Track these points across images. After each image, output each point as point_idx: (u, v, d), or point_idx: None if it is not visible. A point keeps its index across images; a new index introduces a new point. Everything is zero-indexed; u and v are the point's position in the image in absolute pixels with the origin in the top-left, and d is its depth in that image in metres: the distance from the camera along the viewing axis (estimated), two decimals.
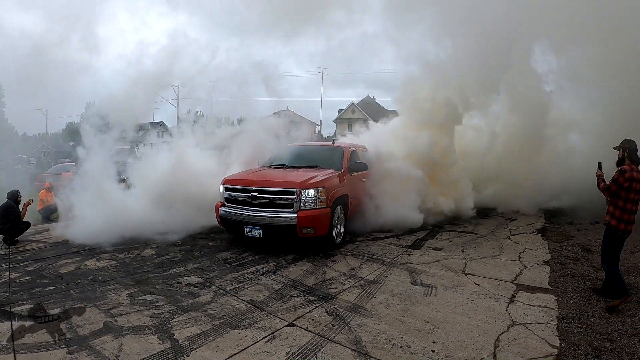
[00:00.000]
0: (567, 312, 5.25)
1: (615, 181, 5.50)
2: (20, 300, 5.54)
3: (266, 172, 9.18)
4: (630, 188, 5.42)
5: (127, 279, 6.47)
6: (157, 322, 4.88)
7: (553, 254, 7.99)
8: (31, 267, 7.12)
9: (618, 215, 5.54)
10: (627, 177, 5.39)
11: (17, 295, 5.76)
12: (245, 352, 4.19)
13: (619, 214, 5.53)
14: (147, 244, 8.71)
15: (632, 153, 5.52)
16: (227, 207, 8.39)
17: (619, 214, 5.53)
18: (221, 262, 7.42)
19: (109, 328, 4.73)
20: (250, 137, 10.98)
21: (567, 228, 10.43)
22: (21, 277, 6.56)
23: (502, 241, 9.05)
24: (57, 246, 8.50)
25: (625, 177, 5.39)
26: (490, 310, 5.27)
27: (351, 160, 9.67)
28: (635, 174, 5.42)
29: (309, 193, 7.65)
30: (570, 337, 4.54)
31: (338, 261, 7.45)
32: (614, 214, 5.58)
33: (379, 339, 4.47)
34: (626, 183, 5.40)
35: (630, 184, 5.40)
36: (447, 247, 8.46)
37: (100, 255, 7.82)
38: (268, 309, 5.28)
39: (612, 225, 5.60)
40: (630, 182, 5.39)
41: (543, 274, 6.76)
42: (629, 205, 5.48)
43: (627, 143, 5.58)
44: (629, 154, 5.52)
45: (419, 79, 12.77)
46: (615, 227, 5.56)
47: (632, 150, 5.52)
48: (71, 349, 4.22)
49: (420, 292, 5.94)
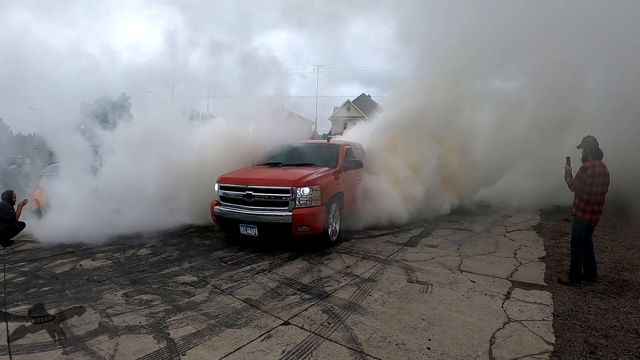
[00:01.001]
0: (563, 308, 5.26)
1: (578, 177, 6.05)
2: (16, 301, 5.50)
3: (261, 170, 9.16)
4: (593, 182, 5.90)
5: (122, 279, 6.45)
6: (152, 322, 4.86)
7: (548, 250, 8.03)
8: (26, 267, 7.08)
9: (583, 208, 6.04)
10: (589, 174, 5.91)
11: (13, 296, 5.72)
12: (241, 351, 4.18)
13: (583, 207, 6.04)
14: (142, 243, 8.68)
15: (592, 149, 5.99)
16: (222, 205, 8.37)
17: (584, 206, 6.03)
18: (217, 260, 7.40)
19: (104, 328, 4.71)
20: (245, 135, 10.93)
21: (562, 225, 10.46)
22: (16, 278, 6.52)
23: (497, 238, 9.08)
24: (52, 246, 8.45)
25: (587, 174, 5.91)
26: (486, 307, 5.27)
27: (346, 158, 9.67)
28: (597, 170, 5.91)
29: (304, 191, 7.64)
30: (566, 334, 4.55)
31: (333, 259, 7.45)
32: (579, 206, 6.09)
33: (375, 337, 4.47)
34: (588, 179, 5.90)
35: (593, 179, 5.89)
36: (443, 245, 8.48)
37: (95, 255, 7.79)
38: (264, 308, 5.27)
39: (578, 216, 6.13)
40: (593, 178, 5.89)
41: (539, 271, 6.78)
42: (592, 197, 5.95)
43: (587, 140, 6.07)
44: (590, 150, 6.00)
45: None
46: (582, 218, 6.08)
47: (592, 147, 5.99)
48: (67, 350, 4.20)
49: (416, 289, 5.94)
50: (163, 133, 10.21)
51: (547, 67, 12.63)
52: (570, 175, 6.25)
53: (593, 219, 6.04)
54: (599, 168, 5.94)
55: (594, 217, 6.03)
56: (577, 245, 6.17)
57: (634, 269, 6.93)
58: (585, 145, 6.06)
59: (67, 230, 8.83)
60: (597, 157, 6.00)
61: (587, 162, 6.00)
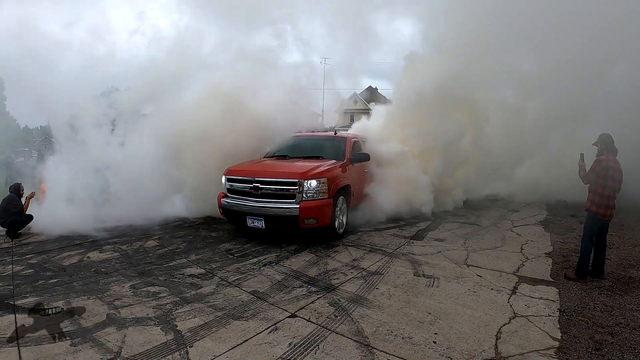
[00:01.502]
0: (569, 304, 5.26)
1: (592, 170, 6.08)
2: (24, 293, 5.56)
3: (268, 162, 9.18)
4: (607, 176, 5.94)
5: (129, 271, 6.50)
6: (160, 314, 4.90)
7: (555, 246, 8.00)
8: (34, 259, 7.14)
9: (597, 202, 6.05)
10: (603, 166, 5.94)
11: (21, 288, 5.78)
12: (247, 343, 4.21)
13: (598, 200, 6.04)
14: (149, 235, 8.73)
15: (608, 145, 6.06)
16: (229, 197, 8.40)
17: (598, 200, 6.04)
18: (223, 253, 7.44)
19: (112, 320, 4.75)
20: (252, 127, 10.93)
21: (569, 220, 10.41)
22: (24, 270, 6.58)
23: (504, 233, 9.05)
24: (60, 238, 8.53)
25: (602, 166, 5.94)
26: (492, 302, 5.28)
27: (353, 150, 9.66)
28: (612, 164, 5.98)
29: (311, 184, 7.65)
30: (572, 330, 4.55)
31: (340, 252, 7.47)
32: (594, 201, 6.09)
33: (381, 330, 4.49)
34: (602, 172, 5.93)
35: (607, 173, 5.93)
36: (450, 238, 8.47)
37: (102, 247, 7.85)
38: (270, 300, 5.30)
39: (592, 210, 6.12)
40: (607, 171, 5.93)
41: (545, 266, 6.77)
42: (606, 191, 5.99)
43: (603, 137, 6.14)
44: (606, 146, 6.07)
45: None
46: (595, 213, 6.08)
47: (608, 143, 6.07)
48: (75, 341, 4.24)
49: (423, 283, 5.95)
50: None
51: (573, 50, 11.83)
52: (583, 169, 6.29)
53: (607, 214, 6.05)
54: (613, 163, 6.00)
55: (608, 212, 6.04)
56: (588, 242, 6.15)
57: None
58: (601, 142, 6.12)
59: (71, 222, 8.99)
60: (611, 153, 6.06)
61: (602, 156, 6.06)
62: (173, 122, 10.58)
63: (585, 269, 6.15)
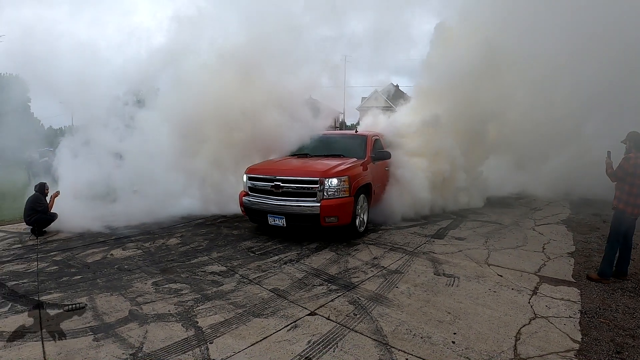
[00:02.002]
0: (591, 306, 5.19)
1: (620, 167, 6.01)
2: (48, 289, 5.70)
3: (289, 161, 9.24)
4: (635, 174, 5.86)
5: (152, 268, 6.61)
6: (181, 310, 4.99)
7: (578, 245, 7.90)
8: (59, 257, 7.30)
9: (625, 199, 5.98)
10: (632, 163, 5.87)
11: (45, 284, 5.93)
12: (267, 340, 4.26)
13: (625, 198, 5.98)
14: (172, 233, 8.87)
15: (637, 143, 5.97)
16: (250, 196, 8.48)
17: (626, 198, 5.97)
18: (245, 250, 7.52)
19: (134, 316, 4.85)
20: (272, 125, 10.99)
21: (592, 219, 10.26)
22: (49, 267, 6.73)
23: (526, 232, 8.97)
24: (84, 236, 8.72)
25: (630, 164, 5.88)
26: (512, 302, 5.24)
27: (374, 148, 9.66)
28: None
29: (332, 182, 7.68)
30: (593, 332, 4.50)
31: (361, 250, 7.49)
32: (621, 198, 6.02)
33: (400, 329, 4.50)
34: (631, 169, 5.87)
35: (635, 170, 5.85)
36: (471, 237, 8.43)
37: (126, 244, 8.01)
38: (290, 298, 5.35)
39: (620, 208, 6.04)
40: (635, 168, 5.85)
41: (567, 267, 6.69)
42: (635, 189, 5.90)
43: (632, 135, 6.05)
44: (635, 144, 5.98)
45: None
46: (623, 211, 6.00)
47: (637, 141, 5.98)
48: (97, 336, 4.34)
49: (443, 282, 5.94)
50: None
51: (600, 33, 11.05)
52: (611, 167, 6.22)
53: (635, 212, 5.96)
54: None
55: (636, 211, 5.96)
56: (614, 241, 6.09)
57: None
58: (630, 139, 6.05)
59: (90, 221, 9.29)
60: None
61: (630, 153, 6.00)
62: (189, 101, 10.45)
63: (608, 269, 6.07)
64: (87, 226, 9.20)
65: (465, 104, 10.99)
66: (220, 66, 10.50)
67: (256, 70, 10.50)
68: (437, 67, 11.66)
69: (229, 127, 10.25)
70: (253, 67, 10.47)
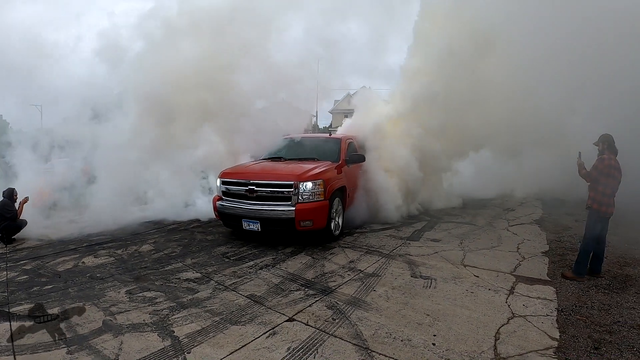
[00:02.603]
0: (567, 303, 5.26)
1: (595, 168, 6.16)
2: (19, 300, 5.49)
3: (263, 165, 9.14)
4: (609, 174, 6.05)
5: (125, 276, 6.44)
6: (156, 319, 4.86)
7: (551, 245, 8.03)
8: (29, 265, 7.07)
9: (599, 199, 6.12)
10: (606, 164, 6.04)
11: (16, 294, 5.71)
12: (246, 348, 4.17)
13: (599, 198, 6.12)
14: (144, 239, 8.69)
15: (610, 145, 6.17)
16: (224, 200, 8.36)
17: (600, 198, 6.11)
18: (219, 256, 7.40)
19: (108, 326, 4.70)
20: (245, 129, 10.88)
21: (565, 219, 10.45)
22: (19, 277, 6.50)
23: (500, 232, 9.08)
24: (54, 244, 8.47)
25: (605, 164, 6.05)
26: (490, 303, 5.28)
27: (348, 151, 9.65)
28: (614, 162, 6.10)
29: (306, 186, 7.62)
30: (570, 329, 4.56)
31: (337, 254, 7.44)
32: (595, 198, 6.16)
33: (380, 333, 4.47)
34: (605, 170, 6.04)
35: (609, 171, 6.04)
36: (446, 239, 8.48)
37: (97, 252, 7.78)
38: (268, 304, 5.27)
39: (594, 208, 6.19)
40: (609, 169, 6.04)
41: (542, 266, 6.78)
42: (608, 189, 6.09)
43: (605, 137, 6.25)
44: (608, 145, 6.18)
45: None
46: (597, 210, 6.16)
47: (609, 142, 6.18)
48: (71, 349, 4.19)
49: (420, 284, 5.94)
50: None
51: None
52: (584, 168, 6.35)
53: (609, 211, 6.13)
54: (615, 162, 6.10)
55: (609, 210, 6.13)
56: (589, 240, 6.21)
57: (636, 264, 6.92)
58: (603, 141, 6.21)
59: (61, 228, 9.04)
60: (613, 152, 6.16)
61: (603, 155, 6.15)
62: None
63: (583, 267, 6.19)
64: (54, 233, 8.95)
65: (451, 87, 10.94)
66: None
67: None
68: (425, 46, 11.60)
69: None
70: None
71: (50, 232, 9.15)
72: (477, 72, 11.38)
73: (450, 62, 10.91)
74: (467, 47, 10.86)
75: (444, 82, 10.99)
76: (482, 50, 11.15)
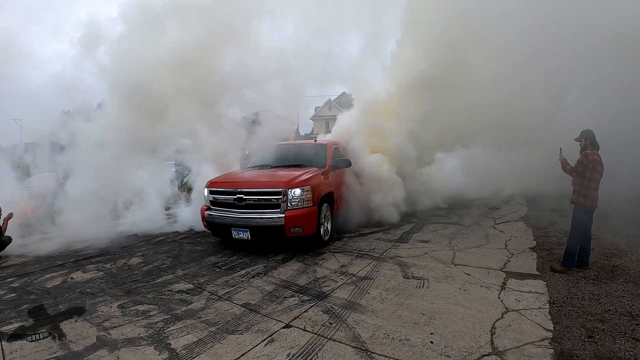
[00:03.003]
0: (558, 296, 5.35)
1: (580, 163, 6.29)
2: (8, 319, 5.39)
3: (251, 173, 9.14)
4: (594, 169, 6.20)
5: (116, 290, 6.37)
6: (152, 332, 4.81)
7: (538, 240, 8.15)
8: (16, 283, 6.95)
9: (584, 193, 6.29)
10: (590, 159, 6.18)
11: (5, 313, 5.61)
12: (245, 357, 4.16)
13: (585, 192, 6.28)
14: (132, 252, 8.60)
15: (592, 141, 6.35)
16: (212, 210, 8.33)
17: (585, 192, 6.28)
18: (210, 266, 7.36)
19: (103, 342, 4.64)
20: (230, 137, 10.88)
21: (549, 215, 10.58)
22: (7, 295, 6.39)
23: (487, 230, 9.18)
24: (41, 260, 8.34)
25: (589, 159, 6.18)
26: (483, 299, 5.34)
27: (334, 157, 9.69)
28: (597, 157, 6.25)
29: (295, 192, 7.63)
30: (563, 320, 4.64)
31: (328, 259, 7.46)
32: (581, 193, 6.32)
33: (378, 334, 4.49)
34: (590, 164, 6.18)
35: (594, 165, 6.19)
36: (434, 239, 8.55)
37: (85, 266, 7.69)
38: (263, 312, 5.26)
39: (580, 202, 6.34)
40: (594, 164, 6.19)
41: (530, 261, 6.88)
42: (592, 183, 6.24)
43: (587, 133, 6.42)
44: (590, 141, 6.35)
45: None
46: (583, 204, 6.30)
47: (592, 138, 6.35)
48: None
49: (413, 285, 5.98)
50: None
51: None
52: (567, 163, 6.51)
53: (594, 205, 6.28)
54: (598, 157, 6.25)
55: (594, 203, 6.28)
56: (576, 233, 6.34)
57: (622, 254, 7.06)
58: (585, 137, 6.38)
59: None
60: (595, 148, 6.32)
61: (587, 150, 6.29)
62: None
63: (571, 260, 6.32)
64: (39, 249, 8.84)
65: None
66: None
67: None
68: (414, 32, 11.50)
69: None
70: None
71: (35, 248, 9.01)
72: (466, 62, 11.05)
73: (439, 49, 10.76)
74: (457, 34, 10.61)
75: (434, 69, 10.83)
76: (471, 38, 10.83)
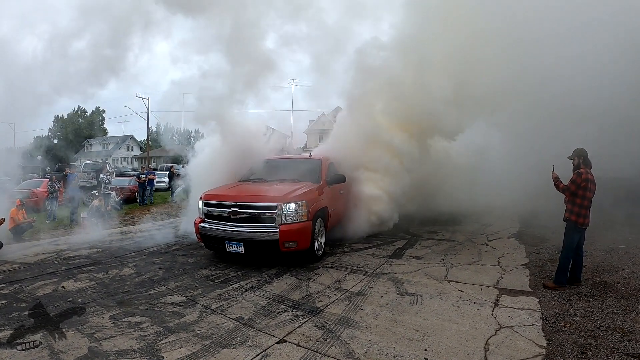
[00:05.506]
0: (550, 312, 5.39)
1: (573, 182, 6.39)
2: None
3: (246, 186, 9.14)
4: (587, 187, 6.31)
5: (108, 300, 6.32)
6: (144, 345, 4.78)
7: (531, 257, 8.21)
8: (6, 290, 6.89)
9: (577, 212, 6.39)
10: (583, 178, 6.29)
11: None
12: None
13: (577, 210, 6.39)
14: (124, 262, 8.56)
15: (585, 159, 6.47)
16: (206, 222, 8.32)
17: (578, 210, 6.39)
18: (203, 279, 7.33)
19: (94, 353, 4.60)
20: (225, 150, 10.89)
21: (542, 231, 10.66)
22: None
23: (480, 247, 9.23)
24: (32, 267, 8.28)
25: (582, 178, 6.29)
26: (477, 316, 5.36)
27: (329, 172, 9.72)
28: (590, 176, 6.36)
29: (290, 207, 7.64)
30: (556, 337, 4.67)
31: (321, 274, 7.45)
32: (573, 211, 6.42)
33: (372, 350, 4.48)
34: (583, 183, 6.29)
35: (587, 184, 6.30)
36: (428, 256, 8.57)
37: (77, 275, 7.64)
38: (257, 326, 5.23)
39: (572, 220, 6.43)
40: (587, 183, 6.29)
41: (523, 277, 6.92)
42: (585, 202, 6.35)
43: (580, 151, 6.55)
44: (583, 160, 6.48)
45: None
46: (575, 222, 6.40)
47: (585, 157, 6.48)
48: None
49: (406, 301, 5.99)
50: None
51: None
52: (561, 181, 6.59)
53: (586, 223, 6.41)
54: (591, 175, 6.37)
55: (586, 221, 6.41)
56: (568, 250, 6.41)
57: (614, 271, 7.14)
58: (578, 155, 6.50)
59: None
60: (587, 166, 6.43)
61: (580, 169, 6.39)
62: None
63: (563, 277, 6.38)
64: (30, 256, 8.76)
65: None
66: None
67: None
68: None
69: None
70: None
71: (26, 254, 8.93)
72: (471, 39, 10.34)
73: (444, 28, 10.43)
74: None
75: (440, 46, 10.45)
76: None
